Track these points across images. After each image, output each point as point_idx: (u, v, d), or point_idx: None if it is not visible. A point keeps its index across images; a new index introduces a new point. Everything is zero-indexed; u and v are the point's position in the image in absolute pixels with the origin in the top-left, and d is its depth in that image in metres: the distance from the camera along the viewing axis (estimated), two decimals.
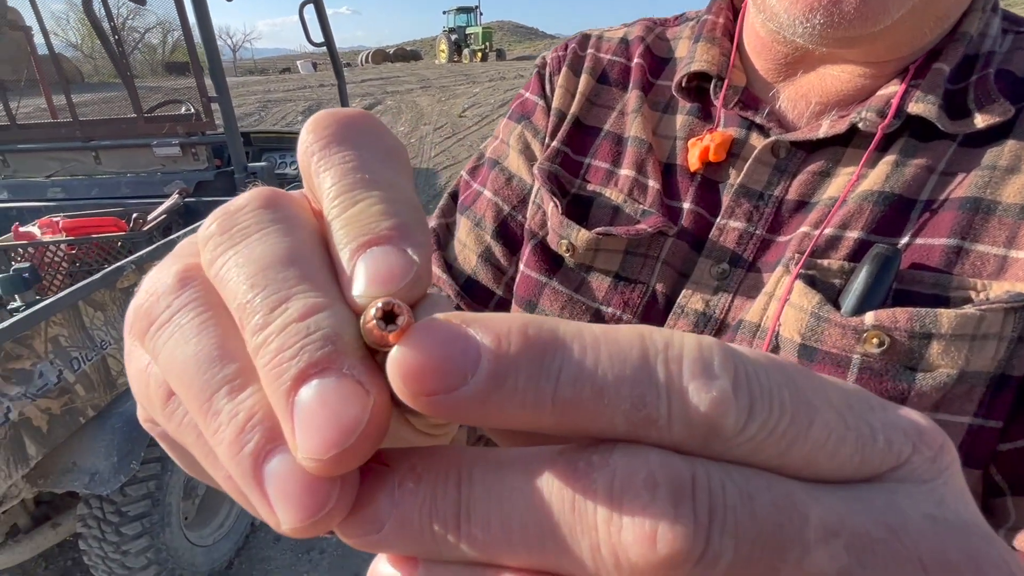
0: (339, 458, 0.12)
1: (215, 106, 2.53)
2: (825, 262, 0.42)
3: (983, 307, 0.37)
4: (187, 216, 2.50)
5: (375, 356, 0.14)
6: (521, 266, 0.55)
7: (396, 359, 0.12)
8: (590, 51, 0.58)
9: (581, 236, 0.50)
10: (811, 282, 0.41)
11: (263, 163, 2.60)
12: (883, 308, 0.38)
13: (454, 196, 0.64)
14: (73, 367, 1.67)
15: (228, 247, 0.16)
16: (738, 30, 0.51)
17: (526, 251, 0.54)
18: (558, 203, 0.51)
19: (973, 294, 0.38)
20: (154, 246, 2.02)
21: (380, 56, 32.34)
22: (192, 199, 2.49)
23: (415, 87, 13.61)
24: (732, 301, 0.45)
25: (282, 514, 0.13)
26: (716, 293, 0.46)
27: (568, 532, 0.12)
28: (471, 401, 0.12)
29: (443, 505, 0.13)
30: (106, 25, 2.88)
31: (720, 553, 0.11)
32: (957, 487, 0.13)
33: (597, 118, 0.55)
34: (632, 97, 0.54)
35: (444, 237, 0.63)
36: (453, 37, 28.94)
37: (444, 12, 30.83)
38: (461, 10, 29.84)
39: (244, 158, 2.54)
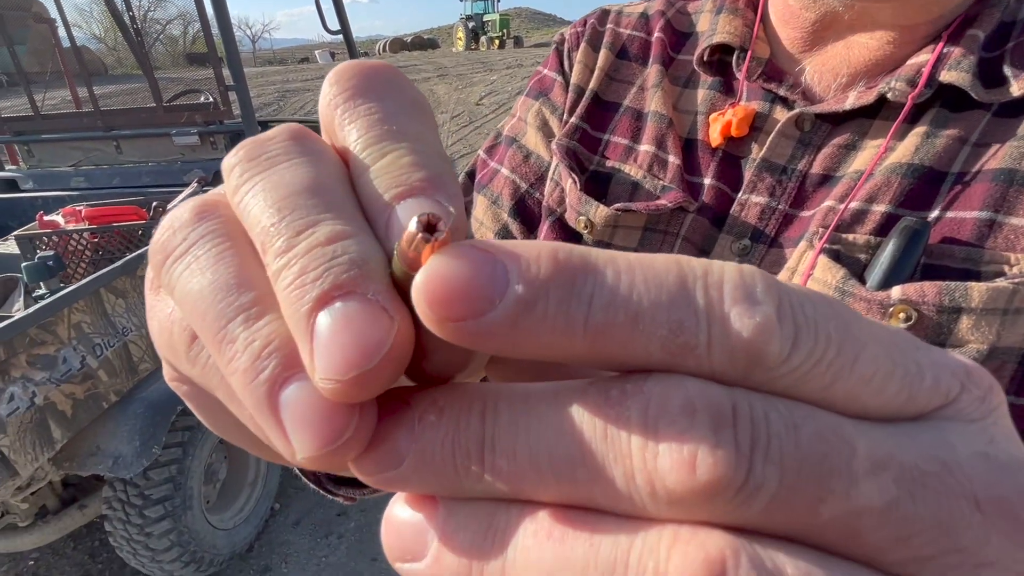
0: (359, 380, 0.12)
1: (233, 95, 2.55)
2: (850, 236, 0.40)
3: (1016, 280, 0.35)
4: None
5: (403, 294, 0.13)
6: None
7: (421, 282, 0.12)
8: (609, 26, 0.57)
9: (600, 212, 0.48)
10: (836, 257, 0.40)
11: None
12: (910, 282, 0.37)
13: (471, 175, 0.63)
14: (96, 353, 1.70)
15: (255, 173, 0.15)
16: (762, 0, 0.49)
17: (544, 228, 0.53)
18: (576, 179, 0.50)
19: (1006, 268, 0.36)
20: None
21: (398, 45, 32.31)
22: (210, 187, 2.51)
23: (432, 76, 13.57)
24: None
25: (297, 442, 0.13)
26: None
27: (601, 461, 0.11)
28: (499, 326, 0.11)
29: (466, 437, 0.12)
30: (127, 17, 2.91)
31: (763, 482, 0.10)
32: (1006, 427, 0.13)
33: (616, 93, 0.54)
34: (652, 72, 0.52)
35: None
36: (471, 25, 28.78)
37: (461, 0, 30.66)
38: None
39: None
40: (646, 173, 0.49)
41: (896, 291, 0.37)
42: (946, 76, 0.39)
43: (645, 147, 0.50)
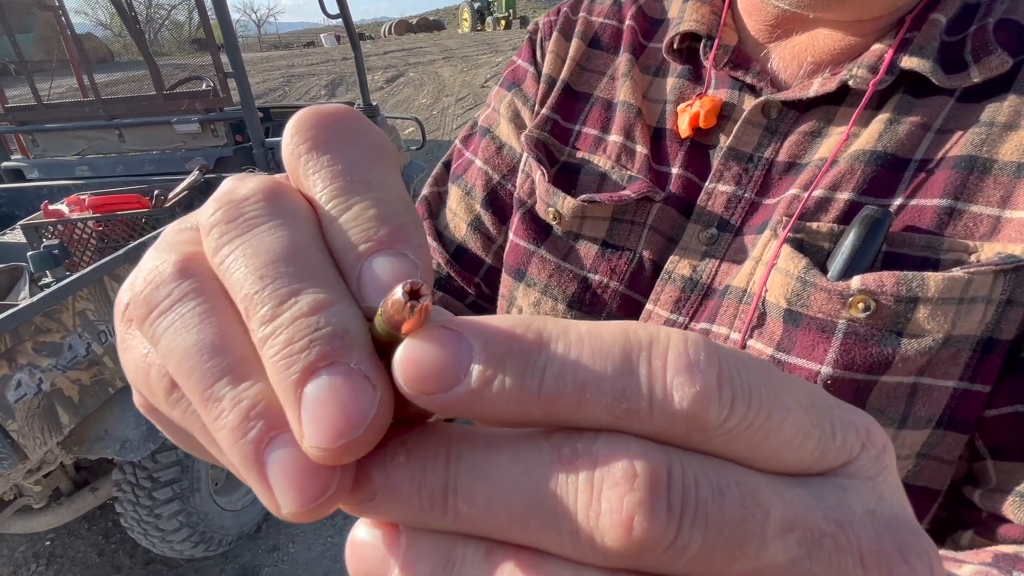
0: (345, 448, 0.13)
1: (232, 83, 2.55)
2: (814, 225, 0.40)
3: (971, 270, 0.35)
4: (207, 192, 2.54)
5: (380, 352, 0.14)
6: (510, 235, 0.54)
7: (399, 363, 0.13)
8: (582, 15, 0.56)
9: (567, 204, 0.49)
10: (799, 246, 0.40)
11: (280, 138, 2.62)
12: (871, 272, 0.37)
13: (447, 165, 0.63)
14: (101, 340, 1.73)
15: (234, 237, 0.16)
16: None
17: (515, 219, 0.54)
18: (545, 171, 0.51)
19: (964, 256, 0.37)
20: (173, 223, 2.06)
21: (403, 27, 31.99)
22: (212, 175, 2.53)
23: (437, 58, 13.46)
24: (719, 266, 0.44)
25: (283, 500, 0.13)
26: (704, 258, 0.45)
27: (550, 513, 0.12)
28: (465, 398, 0.13)
29: (431, 479, 0.13)
30: (127, 4, 2.90)
31: (689, 543, 0.12)
32: (894, 484, 0.15)
33: (588, 84, 0.54)
34: (622, 61, 0.52)
35: (436, 205, 0.62)
36: (476, 5, 28.39)
37: None
38: None
39: (261, 133, 2.56)
40: (614, 163, 0.50)
41: (856, 281, 0.37)
42: (907, 62, 0.39)
43: (614, 137, 0.50)
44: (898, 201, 0.39)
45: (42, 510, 1.96)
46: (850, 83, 0.40)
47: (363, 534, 0.15)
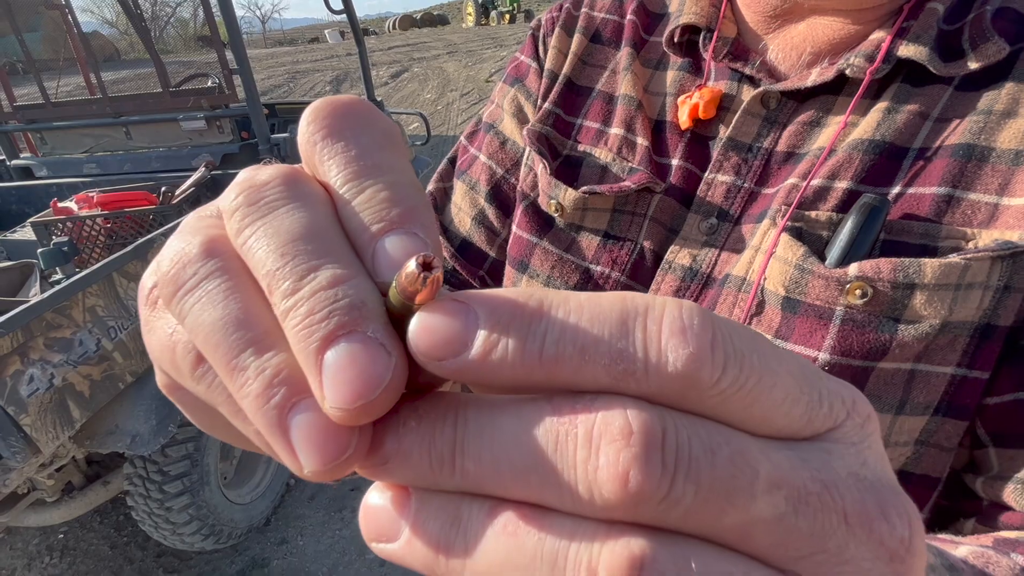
0: (363, 409, 0.14)
1: (237, 79, 2.56)
2: (813, 214, 0.40)
3: (968, 256, 0.35)
4: (214, 188, 2.56)
5: (396, 323, 0.16)
6: (514, 227, 0.55)
7: (412, 333, 0.14)
8: (584, 10, 0.57)
9: (568, 195, 0.49)
10: (798, 234, 0.40)
11: (286, 134, 2.63)
12: (868, 259, 0.37)
13: (452, 161, 0.64)
14: (111, 335, 1.75)
15: (256, 218, 0.17)
16: None
17: (518, 212, 0.54)
18: (547, 164, 0.51)
19: (963, 243, 0.37)
20: (181, 219, 2.08)
21: (407, 22, 31.91)
22: (218, 172, 2.54)
23: (442, 53, 13.43)
24: (719, 256, 0.45)
25: (306, 459, 0.15)
26: (704, 248, 0.45)
27: (551, 470, 0.13)
28: (473, 363, 0.14)
29: (440, 442, 0.14)
30: (132, 2, 2.92)
31: (681, 496, 0.13)
32: (877, 450, 0.15)
33: (589, 78, 0.54)
34: (623, 55, 0.53)
35: (441, 201, 0.63)
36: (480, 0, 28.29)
37: None
38: None
39: (267, 130, 2.57)
40: (615, 156, 0.50)
41: (853, 268, 0.37)
42: (904, 51, 0.39)
43: (615, 130, 0.51)
44: (896, 189, 0.39)
45: (55, 504, 1.99)
46: (847, 72, 0.41)
47: (375, 498, 0.16)
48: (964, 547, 0.31)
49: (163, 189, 2.29)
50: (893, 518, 0.14)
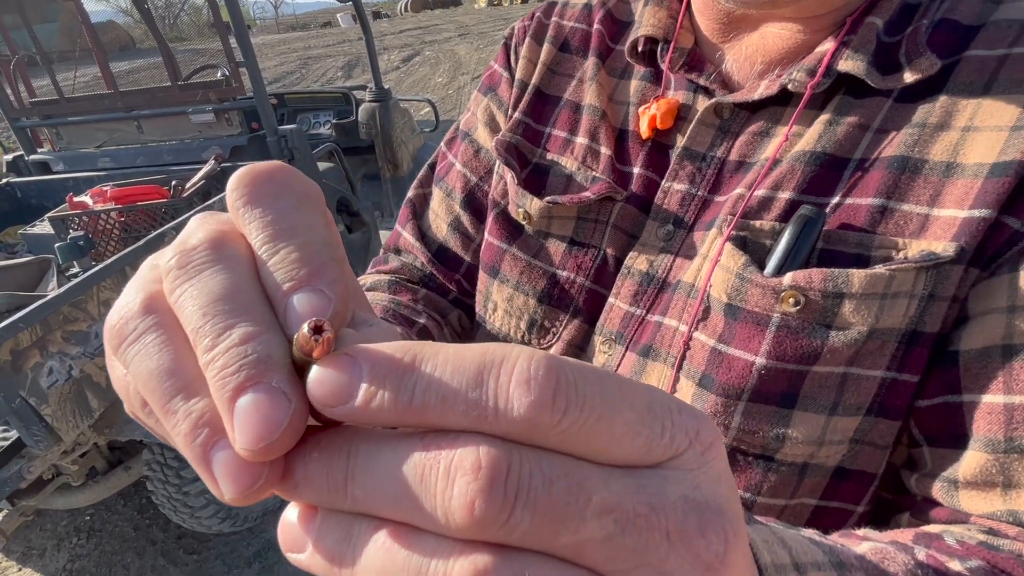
0: (267, 449, 0.17)
1: (243, 71, 2.58)
2: (757, 223, 0.42)
3: (893, 267, 0.37)
4: (223, 181, 2.60)
5: (299, 372, 0.18)
6: (485, 234, 0.57)
7: (309, 384, 0.17)
8: (554, 19, 0.57)
9: (534, 205, 0.51)
10: (742, 243, 0.42)
11: (293, 126, 2.65)
12: (803, 269, 0.39)
13: (432, 167, 0.66)
14: None
15: (184, 280, 0.19)
16: None
17: (489, 219, 0.56)
18: (515, 175, 0.53)
19: (894, 253, 0.38)
20: (194, 211, 2.12)
21: (419, 4, 31.64)
22: (228, 164, 2.58)
23: (453, 35, 13.32)
24: (674, 261, 0.46)
25: (225, 488, 0.17)
26: (660, 254, 0.47)
27: (418, 497, 0.16)
28: (357, 411, 0.16)
29: (335, 471, 0.17)
30: None
31: (520, 521, 0.15)
32: (714, 474, 0.17)
33: (558, 87, 0.55)
34: (589, 64, 0.54)
35: (420, 207, 0.65)
36: None
37: None
38: None
39: (274, 121, 2.59)
40: (580, 164, 0.51)
41: (787, 278, 0.39)
42: (843, 65, 0.40)
43: (580, 139, 0.52)
44: (835, 200, 0.40)
45: (80, 487, 2.08)
46: (789, 87, 0.41)
47: (290, 515, 0.18)
48: (866, 543, 0.32)
49: (174, 183, 2.33)
50: (710, 535, 0.16)
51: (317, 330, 0.17)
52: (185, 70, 3.50)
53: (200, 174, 2.43)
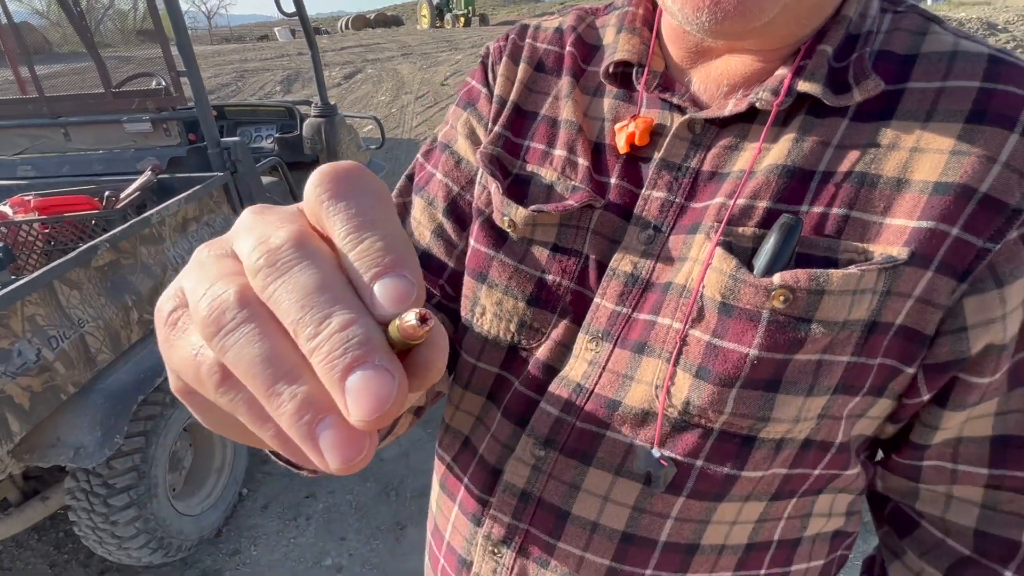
0: (379, 420, 0.19)
1: (185, 81, 2.50)
2: (740, 229, 0.46)
3: (863, 267, 0.42)
4: (160, 193, 2.49)
5: (395, 346, 0.21)
6: (471, 241, 0.59)
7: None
8: (528, 41, 0.61)
9: (519, 213, 0.54)
10: (729, 247, 0.46)
11: (236, 138, 2.58)
12: (787, 270, 0.44)
13: (410, 177, 0.68)
14: (52, 345, 1.70)
15: (276, 277, 0.21)
16: (657, 19, 0.55)
17: (475, 227, 0.58)
18: (499, 184, 0.56)
19: (856, 256, 0.44)
20: (128, 224, 2.02)
21: (361, 22, 31.43)
22: (166, 175, 2.48)
23: (396, 54, 13.31)
24: (656, 263, 0.50)
25: (332, 461, 0.20)
26: (643, 256, 0.50)
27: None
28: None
29: None
30: None
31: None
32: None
33: (535, 103, 0.59)
34: (564, 83, 0.58)
35: (401, 215, 0.67)
36: (435, 1, 28.15)
37: None
38: None
39: (216, 133, 2.50)
40: (560, 175, 0.55)
41: (777, 278, 0.43)
42: (802, 86, 0.45)
43: (559, 151, 0.56)
44: (805, 208, 0.45)
45: None
46: (757, 105, 0.46)
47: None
48: None
49: (107, 194, 2.21)
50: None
51: (423, 320, 0.20)
52: (112, 79, 3.35)
53: (136, 185, 2.32)
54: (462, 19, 26.10)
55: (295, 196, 3.14)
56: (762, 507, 0.50)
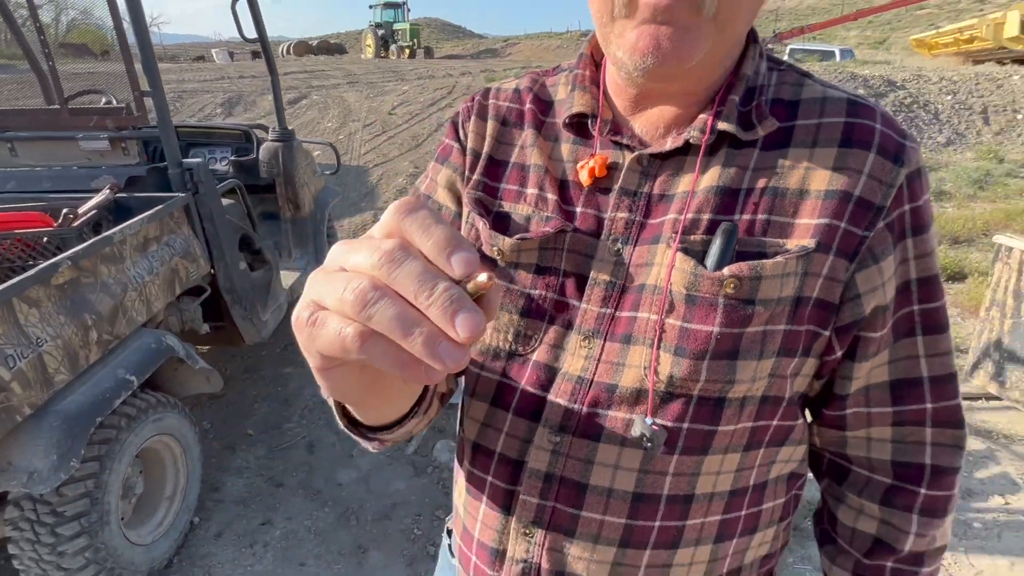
0: (474, 339, 0.31)
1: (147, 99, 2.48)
2: (692, 237, 0.59)
3: (786, 256, 0.57)
4: (117, 213, 2.43)
5: (473, 299, 0.33)
6: None
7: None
8: (491, 101, 0.74)
9: (505, 243, 0.65)
10: (686, 251, 0.59)
11: (199, 159, 2.56)
12: (733, 263, 0.57)
13: None
14: (8, 364, 1.64)
15: (395, 268, 0.33)
16: (602, 78, 0.69)
17: None
18: (487, 221, 0.68)
19: (779, 248, 0.58)
20: (90, 242, 1.97)
21: (302, 48, 31.18)
22: (124, 194, 2.43)
23: (341, 82, 13.31)
24: (628, 270, 0.62)
25: (449, 362, 0.32)
26: (616, 266, 0.62)
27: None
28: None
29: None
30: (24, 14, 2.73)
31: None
32: None
33: (505, 152, 0.71)
34: (529, 134, 0.70)
35: None
36: (380, 32, 28.38)
37: (371, 7, 30.11)
38: (388, 5, 29.21)
39: (179, 154, 2.48)
40: (534, 208, 0.67)
41: (726, 270, 0.57)
42: (721, 125, 0.60)
43: (531, 190, 0.68)
44: (737, 217, 0.59)
45: None
46: (690, 141, 0.60)
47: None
48: None
49: (65, 211, 2.16)
50: None
51: (489, 277, 0.33)
52: (64, 91, 3.24)
53: (92, 202, 2.27)
54: (407, 51, 26.40)
55: (252, 219, 3.12)
56: (739, 457, 0.62)
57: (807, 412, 0.70)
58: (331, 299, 0.34)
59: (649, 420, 0.58)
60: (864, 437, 0.67)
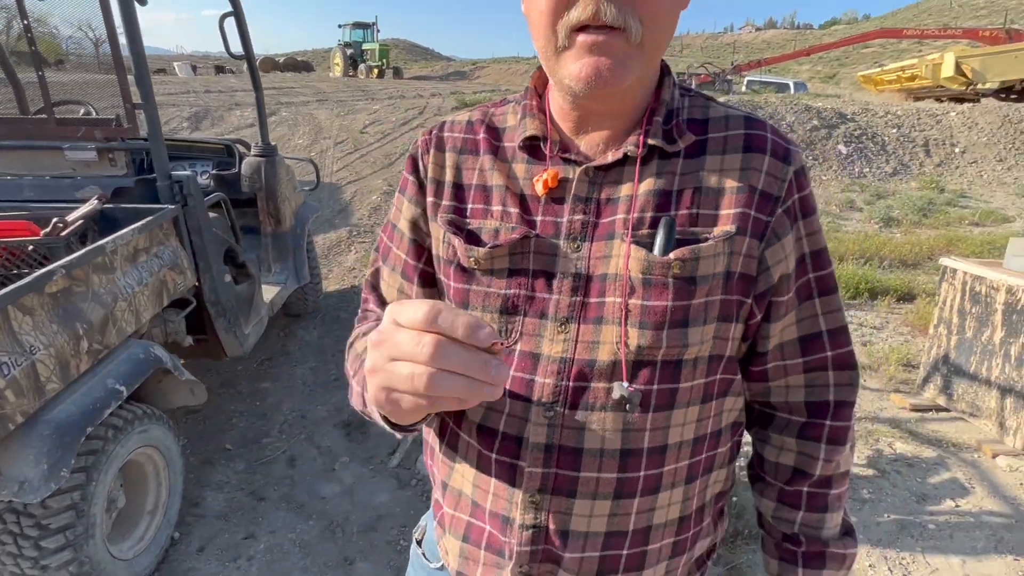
0: (503, 384, 0.50)
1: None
2: (640, 231, 0.70)
3: (715, 240, 0.69)
4: (104, 224, 2.43)
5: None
6: (450, 282, 0.80)
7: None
8: (447, 133, 0.85)
9: (480, 252, 0.76)
10: (638, 243, 0.69)
11: (188, 172, 2.58)
12: (675, 249, 0.68)
13: (377, 249, 0.92)
14: (3, 372, 1.62)
15: (451, 322, 0.49)
16: (547, 107, 0.80)
17: (449, 271, 0.79)
18: (460, 238, 0.78)
19: (708, 234, 0.70)
20: (84, 251, 1.97)
21: (269, 64, 30.94)
22: (111, 205, 2.42)
23: (311, 100, 13.29)
24: (588, 263, 0.73)
25: (499, 383, 0.49)
26: (578, 261, 0.73)
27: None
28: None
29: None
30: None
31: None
32: None
33: (467, 177, 0.82)
34: (485, 159, 0.81)
35: (375, 280, 0.91)
36: (349, 51, 28.44)
37: (340, 26, 30.16)
38: (357, 25, 29.34)
39: (168, 166, 2.50)
40: (500, 222, 0.77)
41: (672, 255, 0.69)
42: (651, 141, 0.72)
43: (496, 207, 0.78)
44: (674, 212, 0.70)
45: None
46: (628, 153, 0.71)
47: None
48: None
49: (54, 221, 2.14)
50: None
51: (498, 346, 0.48)
52: (32, 104, 3.21)
53: (80, 212, 2.26)
54: (376, 70, 26.48)
55: (235, 233, 3.13)
56: (698, 409, 0.73)
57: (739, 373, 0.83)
58: (408, 351, 0.49)
59: (626, 384, 0.68)
60: (783, 385, 0.80)
